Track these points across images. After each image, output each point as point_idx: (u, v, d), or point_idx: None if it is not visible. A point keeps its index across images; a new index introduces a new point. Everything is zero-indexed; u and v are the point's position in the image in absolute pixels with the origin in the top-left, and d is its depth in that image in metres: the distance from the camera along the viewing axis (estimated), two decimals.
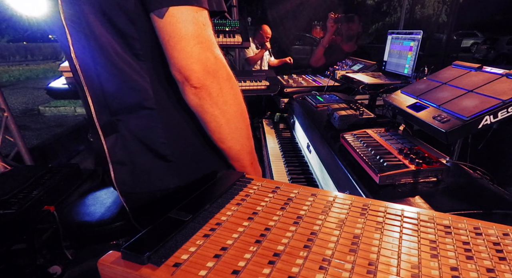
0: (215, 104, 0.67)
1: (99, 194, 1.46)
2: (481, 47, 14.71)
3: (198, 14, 0.61)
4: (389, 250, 0.44)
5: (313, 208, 0.54)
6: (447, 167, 0.87)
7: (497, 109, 0.83)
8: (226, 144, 0.74)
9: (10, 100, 5.96)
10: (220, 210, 0.53)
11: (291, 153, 1.70)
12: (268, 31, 3.80)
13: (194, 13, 0.61)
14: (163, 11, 0.59)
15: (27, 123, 5.02)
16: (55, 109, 5.72)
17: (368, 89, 1.74)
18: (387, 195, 0.81)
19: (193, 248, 0.43)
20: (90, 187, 1.95)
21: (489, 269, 0.40)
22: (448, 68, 1.21)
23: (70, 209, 1.37)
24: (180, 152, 0.76)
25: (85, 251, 1.65)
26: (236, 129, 0.73)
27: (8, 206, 1.50)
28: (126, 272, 0.40)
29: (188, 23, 0.60)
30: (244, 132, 0.75)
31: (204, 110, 0.68)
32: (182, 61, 0.62)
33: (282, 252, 0.43)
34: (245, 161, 0.79)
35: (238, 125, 0.73)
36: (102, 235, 1.26)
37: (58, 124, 5.06)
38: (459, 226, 0.50)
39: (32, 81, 9.07)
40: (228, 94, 0.68)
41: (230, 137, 0.73)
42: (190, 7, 0.60)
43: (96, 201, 1.41)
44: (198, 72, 0.63)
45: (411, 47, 1.69)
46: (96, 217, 1.29)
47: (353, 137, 1.11)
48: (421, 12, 16.18)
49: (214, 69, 0.64)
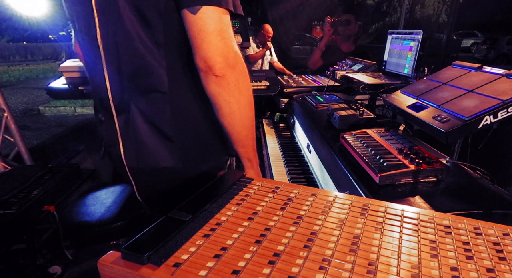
0: (232, 92, 0.76)
1: (99, 194, 1.46)
2: (481, 47, 14.70)
3: (224, 15, 0.71)
4: (389, 250, 0.44)
5: (313, 208, 0.54)
6: (447, 167, 0.86)
7: (497, 109, 0.83)
8: (236, 128, 0.82)
9: (10, 100, 5.96)
10: (220, 210, 0.53)
11: (291, 153, 1.70)
12: (270, 30, 3.80)
13: (221, 14, 0.70)
14: (196, 8, 0.67)
15: (27, 123, 5.01)
16: (55, 109, 5.72)
17: (368, 89, 1.74)
18: (387, 195, 0.81)
19: (193, 248, 0.43)
20: (90, 187, 1.94)
21: (489, 269, 0.40)
22: (448, 68, 1.21)
23: (70, 209, 1.37)
24: (185, 134, 0.83)
25: (85, 251, 1.65)
26: (246, 116, 0.82)
27: (8, 206, 1.50)
28: (126, 272, 0.40)
29: (216, 21, 0.69)
30: (251, 121, 0.85)
31: (222, 97, 0.76)
32: (209, 53, 0.70)
33: (282, 252, 0.43)
34: (250, 146, 0.87)
35: (248, 113, 0.82)
36: (102, 235, 1.26)
37: (58, 124, 5.06)
38: (459, 226, 0.50)
39: (32, 81, 9.06)
40: (243, 86, 0.77)
41: (240, 123, 0.82)
42: (219, 8, 0.69)
43: (96, 201, 1.41)
44: (221, 63, 0.71)
45: (411, 47, 1.69)
46: (96, 217, 1.29)
47: (353, 137, 1.11)
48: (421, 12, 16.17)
49: (234, 63, 0.73)
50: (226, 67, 0.72)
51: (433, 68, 1.57)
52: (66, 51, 13.28)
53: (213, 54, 0.70)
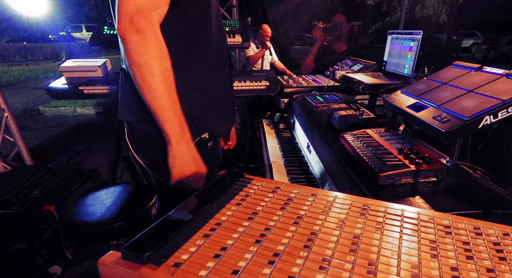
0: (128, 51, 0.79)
1: (99, 194, 1.46)
2: (481, 47, 14.69)
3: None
4: (389, 250, 0.44)
5: (313, 208, 0.54)
6: (447, 167, 0.86)
7: (497, 109, 0.83)
8: (143, 95, 0.82)
9: (10, 100, 5.96)
10: (220, 210, 0.53)
11: (291, 153, 1.70)
12: (268, 30, 3.80)
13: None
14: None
15: (27, 123, 5.01)
16: (55, 109, 5.71)
17: (368, 89, 1.74)
18: (387, 195, 0.81)
19: (193, 248, 0.43)
20: (90, 187, 1.94)
21: (489, 269, 0.40)
22: (448, 68, 1.21)
23: (70, 209, 1.36)
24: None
25: (85, 251, 1.65)
26: (148, 84, 0.81)
27: (8, 206, 1.50)
28: (126, 272, 0.40)
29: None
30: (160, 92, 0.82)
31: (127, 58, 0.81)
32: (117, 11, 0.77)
33: (282, 252, 0.43)
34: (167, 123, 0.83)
35: (151, 81, 0.81)
36: (102, 235, 1.26)
37: (58, 124, 5.06)
38: (459, 226, 0.50)
39: (32, 81, 9.05)
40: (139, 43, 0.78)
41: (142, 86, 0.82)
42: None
43: (96, 201, 1.40)
44: (122, 21, 0.76)
45: (411, 47, 1.69)
46: (96, 217, 1.29)
47: (353, 137, 1.11)
48: (421, 12, 16.16)
49: (137, 12, 0.76)
50: (127, 23, 0.76)
51: (433, 68, 1.57)
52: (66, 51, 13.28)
53: (119, 11, 0.76)
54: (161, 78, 0.80)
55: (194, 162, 0.88)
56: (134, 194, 1.44)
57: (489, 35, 15.49)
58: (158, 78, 0.80)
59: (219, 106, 1.07)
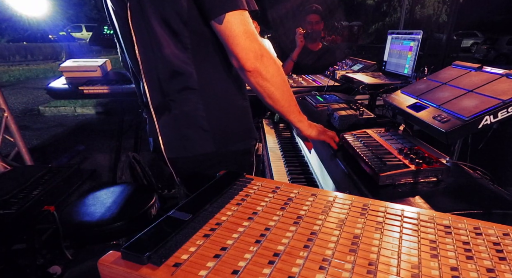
0: (265, 78, 0.88)
1: (99, 194, 1.46)
2: (481, 47, 14.69)
3: (244, 15, 0.81)
4: (389, 250, 0.44)
5: (313, 208, 0.54)
6: (447, 167, 0.86)
7: (497, 109, 0.83)
8: (278, 104, 0.96)
9: (10, 100, 5.95)
10: (220, 210, 0.53)
11: (291, 153, 1.70)
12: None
13: (242, 15, 0.81)
14: (221, 18, 0.79)
15: (27, 123, 5.01)
16: (55, 109, 5.71)
17: (368, 89, 1.74)
18: (387, 195, 0.81)
19: (193, 248, 0.43)
20: (90, 187, 1.95)
21: (489, 269, 0.40)
22: (448, 68, 1.21)
23: (70, 209, 1.37)
24: (216, 123, 0.96)
25: (85, 251, 1.65)
26: (283, 92, 0.94)
27: (8, 206, 1.50)
28: (126, 272, 0.40)
29: (240, 24, 0.80)
30: (289, 93, 0.97)
31: (258, 85, 0.90)
32: (239, 54, 0.82)
33: (282, 252, 0.43)
34: (295, 112, 1.02)
35: (284, 88, 0.94)
36: (102, 235, 1.26)
37: (58, 124, 5.05)
38: (459, 226, 0.50)
39: (32, 81, 9.04)
40: (273, 69, 0.88)
41: (281, 99, 0.95)
42: (238, 11, 0.80)
43: (96, 201, 1.41)
44: (250, 60, 0.84)
45: (411, 47, 1.69)
46: (96, 217, 1.29)
47: (353, 137, 1.11)
48: (421, 12, 16.14)
49: (260, 54, 0.85)
50: (255, 61, 0.84)
51: (433, 68, 1.57)
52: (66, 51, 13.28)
53: (243, 54, 0.82)
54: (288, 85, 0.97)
55: (315, 126, 1.11)
56: (134, 194, 1.44)
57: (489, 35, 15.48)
58: (288, 85, 0.96)
59: None
